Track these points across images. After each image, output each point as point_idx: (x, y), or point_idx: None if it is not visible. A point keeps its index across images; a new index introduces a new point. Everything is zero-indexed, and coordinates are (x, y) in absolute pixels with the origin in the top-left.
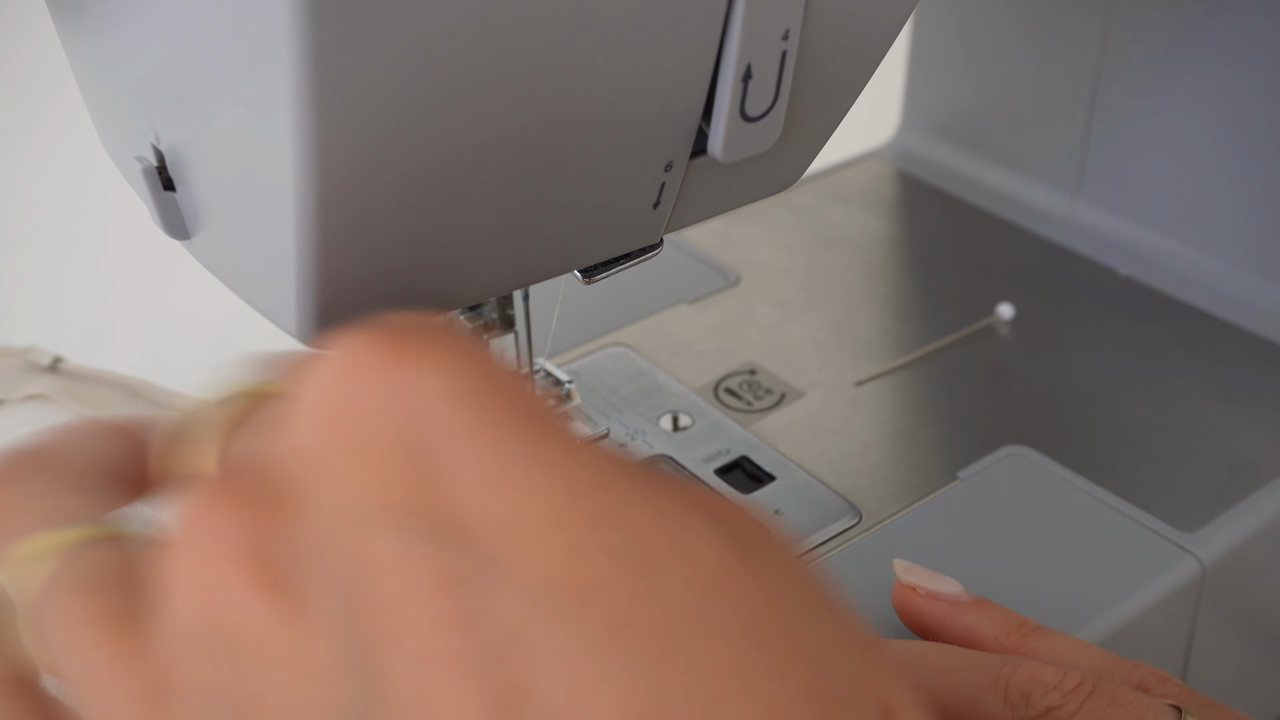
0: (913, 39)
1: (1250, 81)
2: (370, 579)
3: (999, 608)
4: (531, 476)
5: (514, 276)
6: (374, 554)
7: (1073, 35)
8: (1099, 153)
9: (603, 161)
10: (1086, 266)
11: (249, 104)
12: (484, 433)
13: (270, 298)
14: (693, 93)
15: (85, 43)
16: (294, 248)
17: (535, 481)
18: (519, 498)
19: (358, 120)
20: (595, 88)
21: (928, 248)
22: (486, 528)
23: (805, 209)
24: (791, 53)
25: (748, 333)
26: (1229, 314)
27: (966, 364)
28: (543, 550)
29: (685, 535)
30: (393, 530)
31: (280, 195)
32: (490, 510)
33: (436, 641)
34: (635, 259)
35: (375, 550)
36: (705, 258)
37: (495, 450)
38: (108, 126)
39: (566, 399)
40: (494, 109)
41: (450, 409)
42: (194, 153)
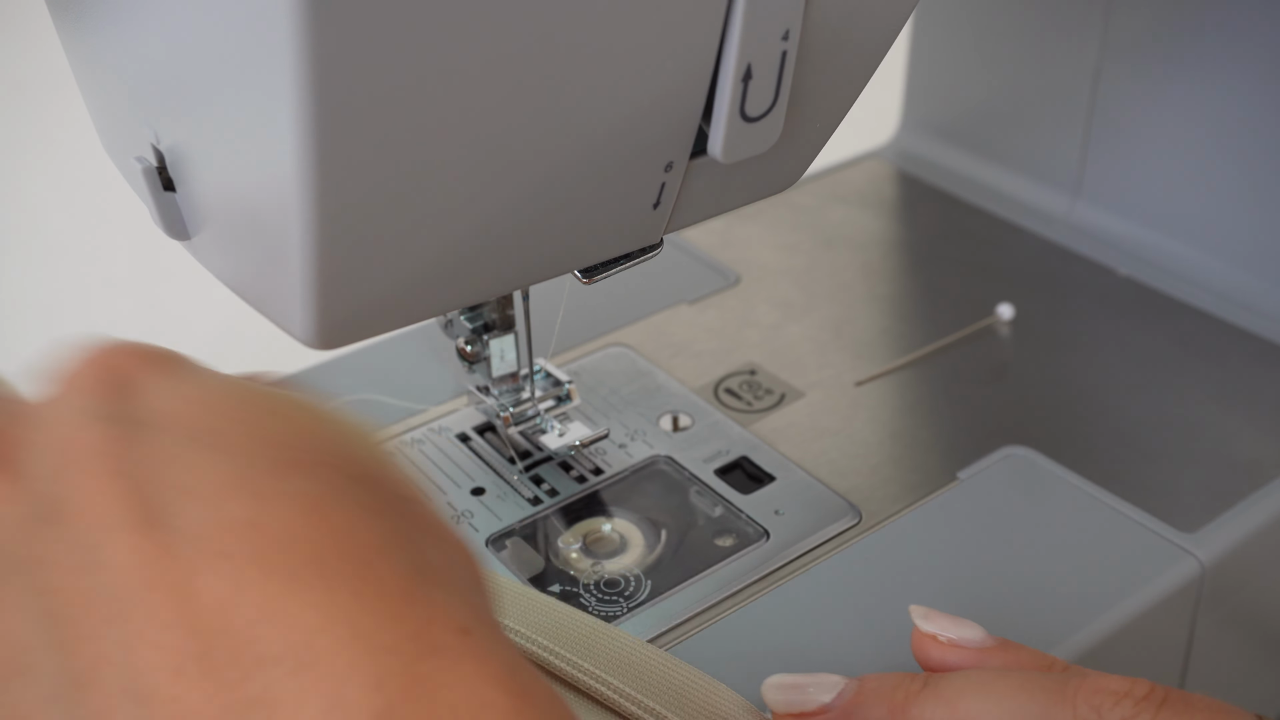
0: (913, 39)
1: (1250, 82)
2: (62, 447)
3: (1024, 649)
4: (203, 389)
5: (514, 276)
6: (66, 432)
7: (1073, 35)
8: (1099, 153)
9: (603, 162)
10: (1086, 266)
11: (249, 104)
12: (172, 376)
13: (270, 297)
14: (693, 93)
15: (85, 43)
16: (294, 248)
17: (202, 393)
18: (185, 401)
19: (358, 120)
20: (595, 88)
21: (928, 248)
22: (158, 416)
23: (805, 209)
24: (791, 53)
25: (748, 333)
26: (1229, 314)
27: (966, 364)
28: (195, 420)
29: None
30: (85, 417)
31: (280, 195)
32: (162, 406)
33: (97, 462)
34: (635, 259)
35: (68, 429)
36: (705, 258)
37: (179, 381)
38: (108, 127)
39: (566, 399)
40: (494, 108)
41: (149, 367)
42: (194, 153)
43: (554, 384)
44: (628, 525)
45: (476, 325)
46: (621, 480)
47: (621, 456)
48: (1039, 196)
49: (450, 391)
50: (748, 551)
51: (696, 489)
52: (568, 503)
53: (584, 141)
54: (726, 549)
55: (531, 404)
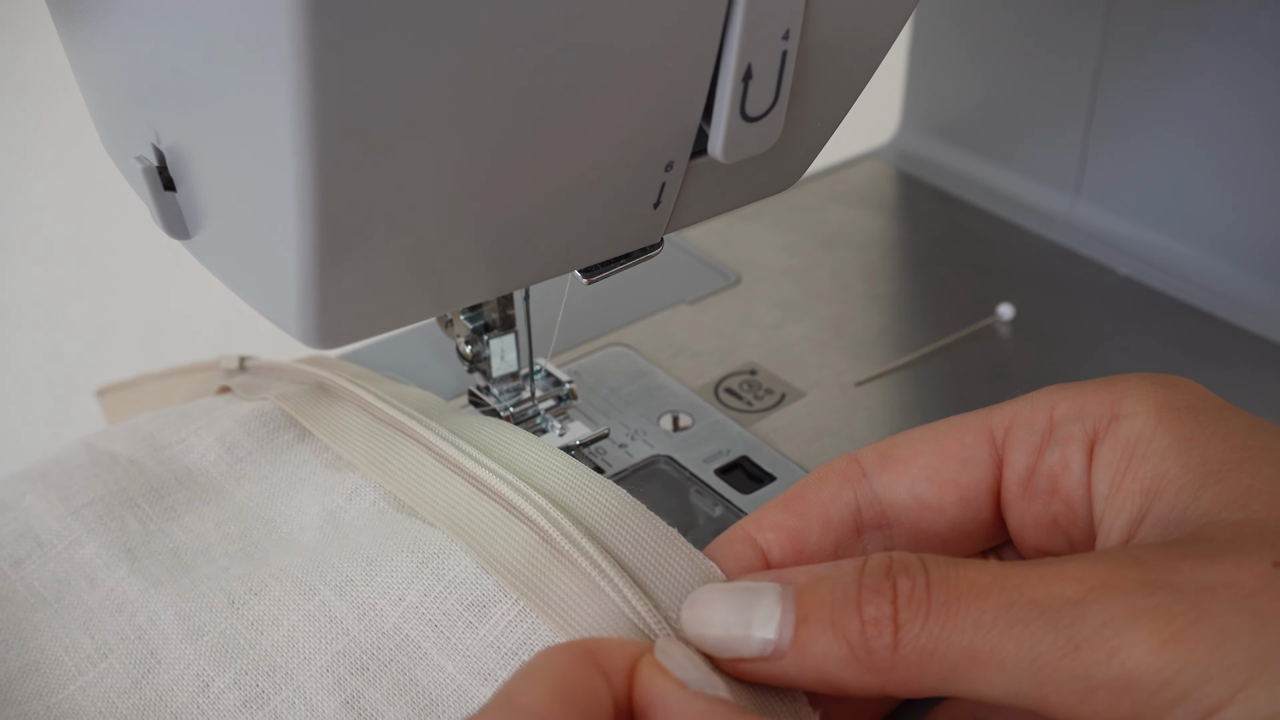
0: (913, 39)
1: (1250, 82)
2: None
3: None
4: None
5: (514, 276)
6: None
7: (1073, 35)
8: (1099, 153)
9: (603, 162)
10: (1086, 266)
11: (249, 104)
12: None
13: (270, 297)
14: (693, 93)
15: (86, 43)
16: (294, 247)
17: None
18: None
19: (357, 120)
20: (596, 87)
21: (928, 248)
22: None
23: (805, 209)
24: (792, 53)
25: (748, 333)
26: (1229, 314)
27: (966, 364)
28: None
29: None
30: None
31: (280, 194)
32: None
33: None
34: (635, 259)
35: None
36: (705, 258)
37: None
38: (108, 127)
39: (567, 399)
40: (494, 108)
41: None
42: (194, 153)
43: (554, 384)
44: None
45: (477, 325)
46: (622, 480)
47: (622, 456)
48: (1039, 196)
49: (450, 391)
50: None
51: (697, 489)
52: None
53: (584, 141)
54: None
55: (532, 404)
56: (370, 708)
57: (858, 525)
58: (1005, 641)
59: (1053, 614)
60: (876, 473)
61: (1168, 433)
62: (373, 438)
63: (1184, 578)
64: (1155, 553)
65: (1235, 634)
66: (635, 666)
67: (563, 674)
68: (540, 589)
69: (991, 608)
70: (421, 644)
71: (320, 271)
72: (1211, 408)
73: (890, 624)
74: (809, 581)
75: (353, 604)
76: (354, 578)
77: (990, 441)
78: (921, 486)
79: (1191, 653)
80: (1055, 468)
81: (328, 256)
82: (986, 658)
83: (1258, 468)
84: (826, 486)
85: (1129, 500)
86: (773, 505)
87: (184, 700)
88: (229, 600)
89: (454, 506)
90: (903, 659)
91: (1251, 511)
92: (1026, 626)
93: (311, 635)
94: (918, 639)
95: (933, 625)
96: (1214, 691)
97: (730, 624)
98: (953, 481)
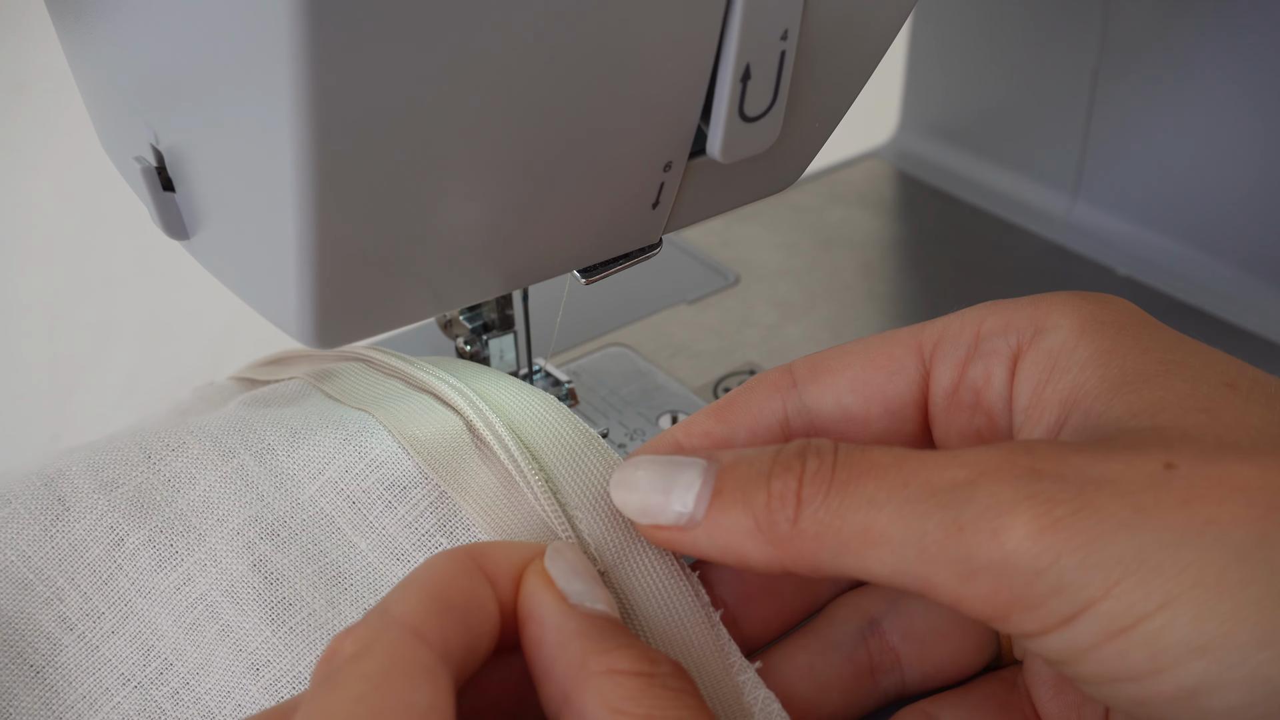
0: (912, 39)
1: (1249, 81)
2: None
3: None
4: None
5: (513, 276)
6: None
7: (1072, 35)
8: (1099, 153)
9: (602, 162)
10: (1086, 266)
11: (249, 104)
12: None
13: (269, 297)
14: (691, 93)
15: (85, 44)
16: (293, 247)
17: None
18: None
19: (356, 120)
20: (595, 87)
21: (927, 248)
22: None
23: (805, 209)
24: (790, 53)
25: (747, 333)
26: (1229, 314)
27: None
28: None
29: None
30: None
31: (280, 195)
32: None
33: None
34: (635, 259)
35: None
36: (705, 258)
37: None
38: (108, 127)
39: (565, 399)
40: (493, 107)
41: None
42: (193, 153)
43: (554, 384)
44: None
45: (476, 325)
46: None
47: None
48: (1038, 196)
49: None
50: None
51: None
52: None
53: (583, 141)
54: None
55: None
56: (278, 572)
57: (785, 434)
58: (895, 520)
59: (942, 495)
60: (806, 383)
61: (1089, 344)
62: (315, 362)
63: (1073, 470)
64: (1050, 446)
65: (1115, 527)
66: (522, 573)
67: (443, 581)
68: (460, 477)
69: (886, 485)
70: (336, 519)
71: (319, 271)
72: (1136, 323)
73: (794, 498)
74: (732, 461)
75: (271, 471)
76: (275, 446)
77: (919, 355)
78: (848, 399)
79: (1069, 541)
80: (978, 381)
81: (327, 256)
82: (877, 536)
83: (1171, 380)
84: (757, 395)
85: (1047, 410)
86: (703, 413)
87: (99, 554)
88: (144, 454)
89: (382, 395)
90: (800, 532)
91: (1159, 420)
92: (916, 506)
93: (226, 497)
94: (816, 514)
95: (831, 500)
96: (1090, 584)
97: (652, 491)
98: (878, 394)
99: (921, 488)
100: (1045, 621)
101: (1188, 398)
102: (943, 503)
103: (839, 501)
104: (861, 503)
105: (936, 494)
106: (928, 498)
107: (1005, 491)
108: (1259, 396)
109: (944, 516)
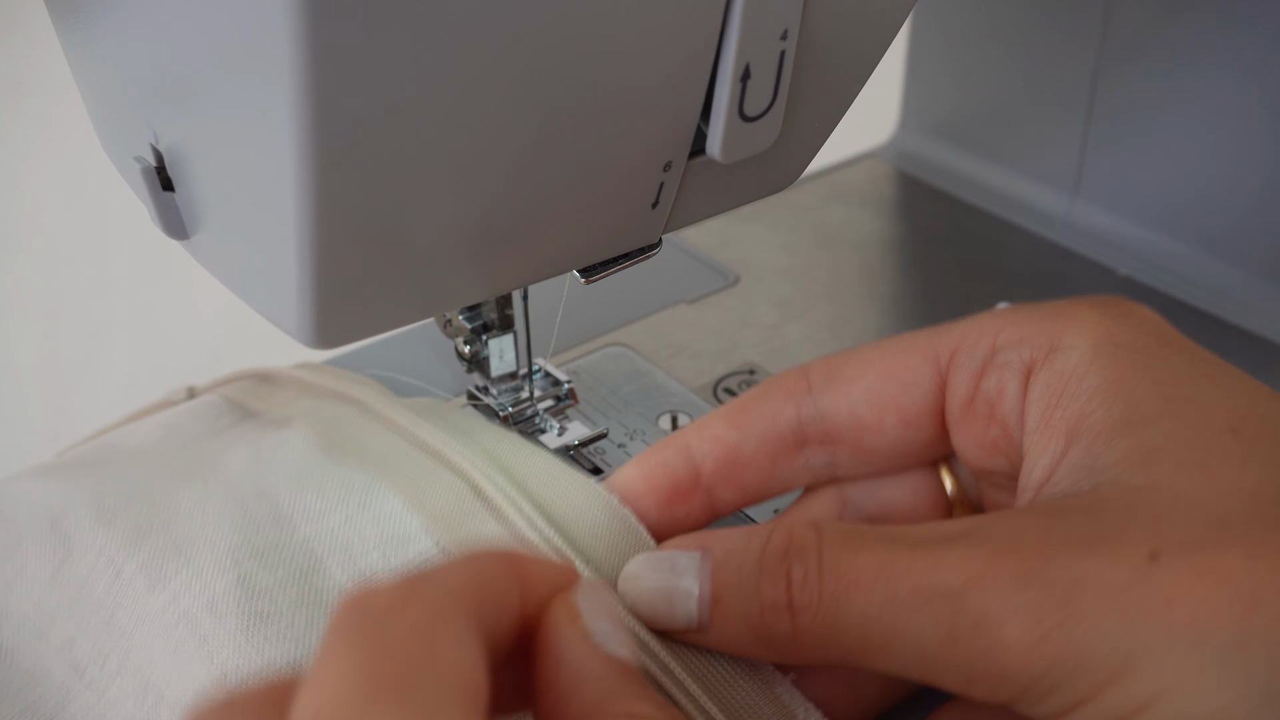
0: (912, 39)
1: (1250, 81)
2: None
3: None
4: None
5: (513, 276)
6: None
7: (1072, 35)
8: (1099, 153)
9: (602, 162)
10: (1086, 266)
11: (248, 104)
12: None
13: (269, 297)
14: (691, 92)
15: (85, 43)
16: (293, 247)
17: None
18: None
19: (357, 120)
20: (594, 87)
21: (927, 248)
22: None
23: (805, 209)
24: (790, 52)
25: (747, 333)
26: (1229, 314)
27: None
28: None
29: None
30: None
31: (279, 194)
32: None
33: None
34: (634, 259)
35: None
36: (705, 258)
37: None
38: (107, 127)
39: (566, 399)
40: (493, 107)
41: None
42: (193, 153)
43: (553, 384)
44: None
45: (476, 325)
46: None
47: (621, 456)
48: (1038, 196)
49: (450, 391)
50: None
51: None
52: None
53: (583, 141)
54: None
55: (531, 404)
56: (261, 588)
57: (799, 440)
58: (892, 633)
59: (934, 605)
60: (821, 390)
61: (1100, 372)
62: (317, 400)
63: (1059, 570)
64: (1037, 535)
65: (1101, 636)
66: (551, 599)
67: (485, 570)
68: (465, 535)
69: (877, 601)
70: (326, 561)
71: (319, 271)
72: (1153, 343)
73: (786, 611)
74: (722, 556)
75: (271, 509)
76: (278, 490)
77: (935, 365)
78: (862, 409)
79: (1059, 653)
80: (992, 393)
81: (327, 256)
82: (877, 646)
83: (1174, 424)
84: (771, 400)
85: (1053, 440)
86: (716, 415)
87: (101, 590)
88: (148, 491)
89: (387, 453)
90: (801, 644)
91: (1153, 476)
92: (910, 618)
93: (223, 526)
94: (812, 626)
95: (824, 615)
96: (1080, 686)
97: (656, 601)
98: (893, 404)
99: (912, 597)
100: (1045, 711)
101: (1186, 448)
102: (934, 615)
103: (832, 616)
104: (854, 617)
105: (928, 603)
106: (920, 608)
107: (994, 604)
108: (1262, 445)
109: (937, 629)
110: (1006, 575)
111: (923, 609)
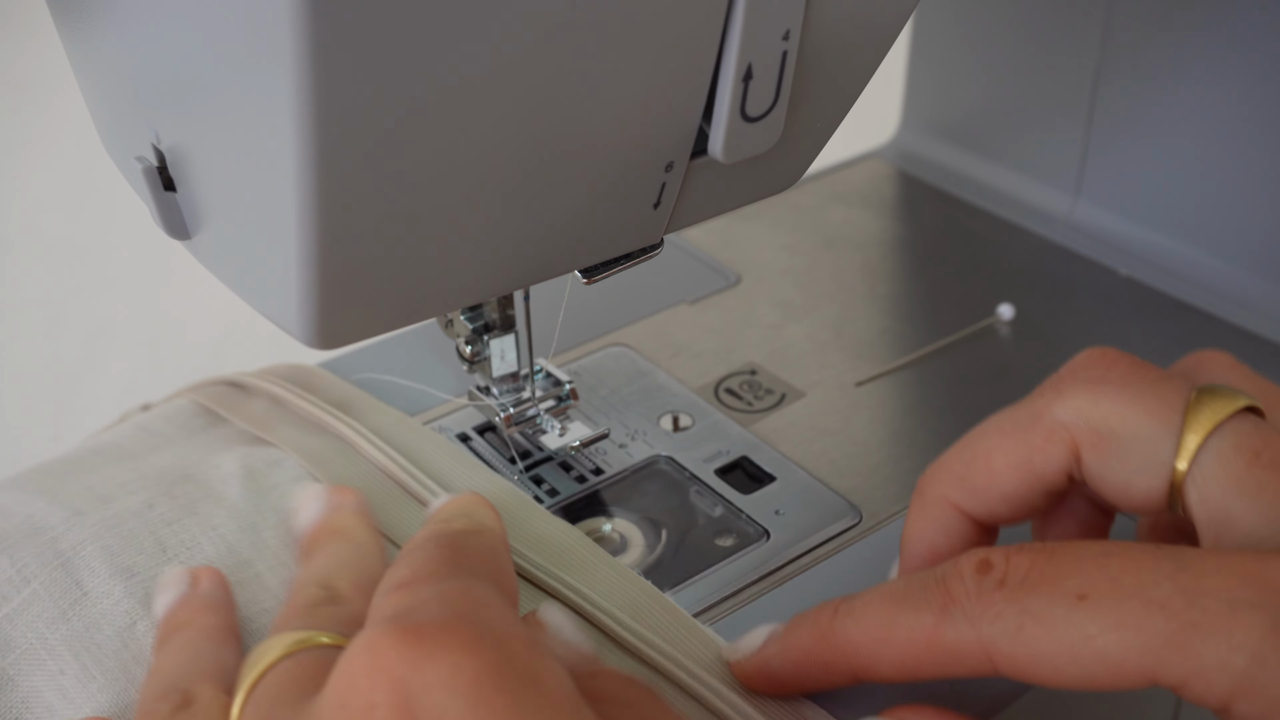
0: (913, 39)
1: (1250, 82)
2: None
3: (803, 616)
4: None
5: (514, 276)
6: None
7: (1073, 35)
8: (1099, 153)
9: (603, 162)
10: (1086, 266)
11: (250, 104)
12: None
13: (270, 297)
14: (693, 93)
15: (86, 43)
16: (294, 247)
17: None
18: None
19: (358, 120)
20: (596, 88)
21: (928, 248)
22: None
23: (805, 209)
24: (792, 53)
25: (748, 333)
26: (1229, 314)
27: (966, 364)
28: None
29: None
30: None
31: (281, 195)
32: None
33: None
34: (635, 259)
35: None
36: (705, 258)
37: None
38: (108, 127)
39: (567, 399)
40: (495, 108)
41: (449, 697)
42: (195, 153)
43: (554, 384)
44: (628, 525)
45: (477, 325)
46: (621, 480)
47: (622, 456)
48: (1039, 196)
49: (451, 391)
50: (748, 551)
51: (697, 489)
52: (568, 503)
53: (585, 141)
54: (727, 549)
55: (532, 404)
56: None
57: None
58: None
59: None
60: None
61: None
62: (298, 428)
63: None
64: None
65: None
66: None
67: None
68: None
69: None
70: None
71: (320, 271)
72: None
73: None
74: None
75: (284, 581)
76: (286, 560)
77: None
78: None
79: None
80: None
81: (328, 256)
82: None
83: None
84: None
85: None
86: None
87: (109, 634)
88: (159, 546)
89: (379, 492)
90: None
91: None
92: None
93: (241, 599)
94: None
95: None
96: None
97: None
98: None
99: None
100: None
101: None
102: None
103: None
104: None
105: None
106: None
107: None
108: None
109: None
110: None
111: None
